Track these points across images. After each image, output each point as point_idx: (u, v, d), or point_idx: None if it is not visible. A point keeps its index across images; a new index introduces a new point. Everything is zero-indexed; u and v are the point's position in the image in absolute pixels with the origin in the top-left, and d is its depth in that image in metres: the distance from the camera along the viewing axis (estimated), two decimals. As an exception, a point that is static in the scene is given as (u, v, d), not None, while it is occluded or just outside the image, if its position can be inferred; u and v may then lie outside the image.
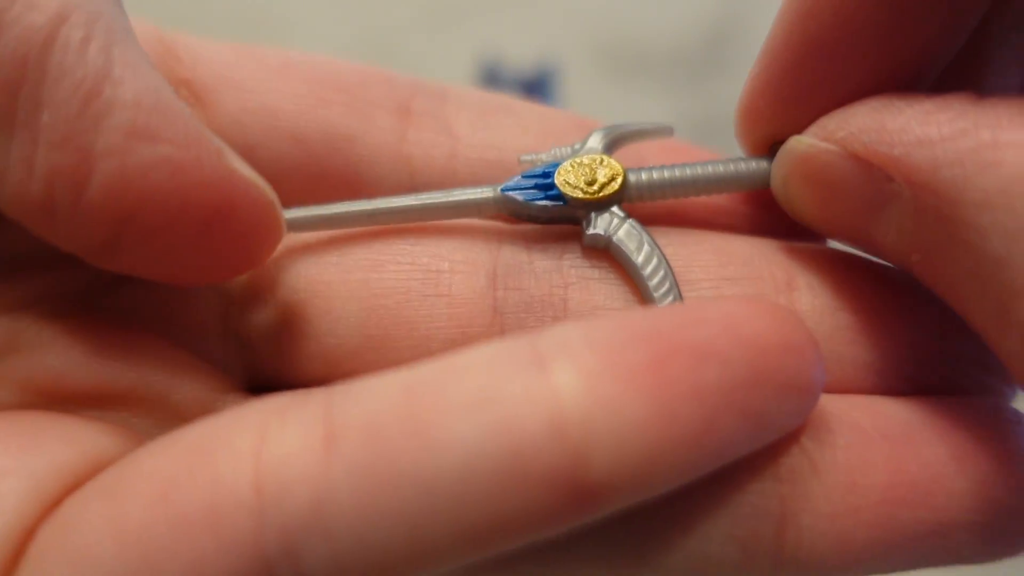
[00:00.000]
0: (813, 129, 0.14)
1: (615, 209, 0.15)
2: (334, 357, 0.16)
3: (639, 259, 0.15)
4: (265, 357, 0.16)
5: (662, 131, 0.17)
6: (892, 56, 0.14)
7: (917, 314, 0.15)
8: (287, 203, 0.17)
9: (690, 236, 0.16)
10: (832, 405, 0.14)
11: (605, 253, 0.16)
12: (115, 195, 0.13)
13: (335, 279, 0.16)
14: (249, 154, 0.16)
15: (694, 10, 0.66)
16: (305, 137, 0.16)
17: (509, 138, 0.17)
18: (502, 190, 0.15)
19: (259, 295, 0.16)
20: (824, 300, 0.15)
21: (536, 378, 0.11)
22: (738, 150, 0.16)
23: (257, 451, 0.12)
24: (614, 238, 0.15)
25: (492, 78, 0.53)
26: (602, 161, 0.16)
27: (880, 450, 0.13)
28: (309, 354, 0.16)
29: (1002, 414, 0.14)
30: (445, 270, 0.16)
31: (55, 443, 0.13)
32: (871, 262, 0.16)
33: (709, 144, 0.17)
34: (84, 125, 0.12)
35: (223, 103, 0.16)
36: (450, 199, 0.16)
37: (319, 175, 0.17)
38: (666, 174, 0.16)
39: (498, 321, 0.15)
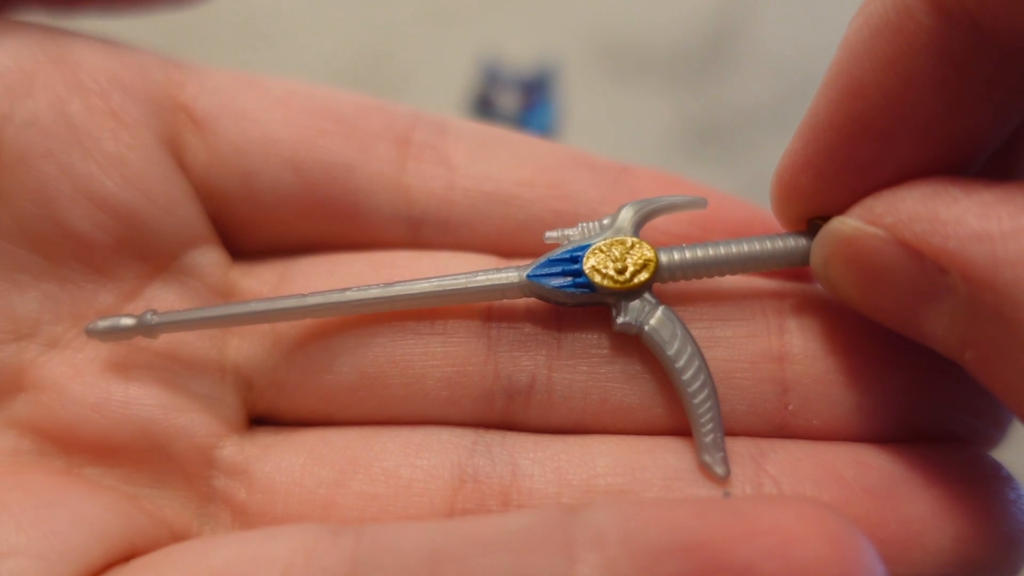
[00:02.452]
0: (858, 211, 0.14)
1: (647, 295, 0.15)
2: (330, 393, 0.16)
3: (672, 351, 0.14)
4: (263, 393, 0.16)
5: (695, 204, 0.16)
6: (942, 138, 0.13)
7: (907, 359, 0.15)
8: (286, 231, 0.17)
9: None
10: (820, 456, 0.14)
11: None
12: None
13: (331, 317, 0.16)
14: (249, 181, 0.17)
15: (694, 10, 0.66)
16: (304, 166, 0.17)
17: (506, 170, 0.17)
18: (529, 276, 0.15)
19: (257, 331, 0.16)
20: (815, 344, 0.15)
21: (560, 572, 0.11)
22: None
23: None
24: (646, 327, 0.15)
25: (492, 78, 0.52)
26: (632, 245, 0.15)
27: (862, 505, 0.14)
28: (306, 390, 0.16)
29: (982, 466, 0.14)
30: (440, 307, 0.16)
31: (66, 523, 0.14)
32: None
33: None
34: None
35: (224, 131, 0.17)
36: (473, 284, 0.15)
37: (318, 203, 0.17)
38: (699, 253, 0.15)
39: (492, 360, 0.16)
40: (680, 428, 0.15)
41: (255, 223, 0.17)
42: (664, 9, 0.65)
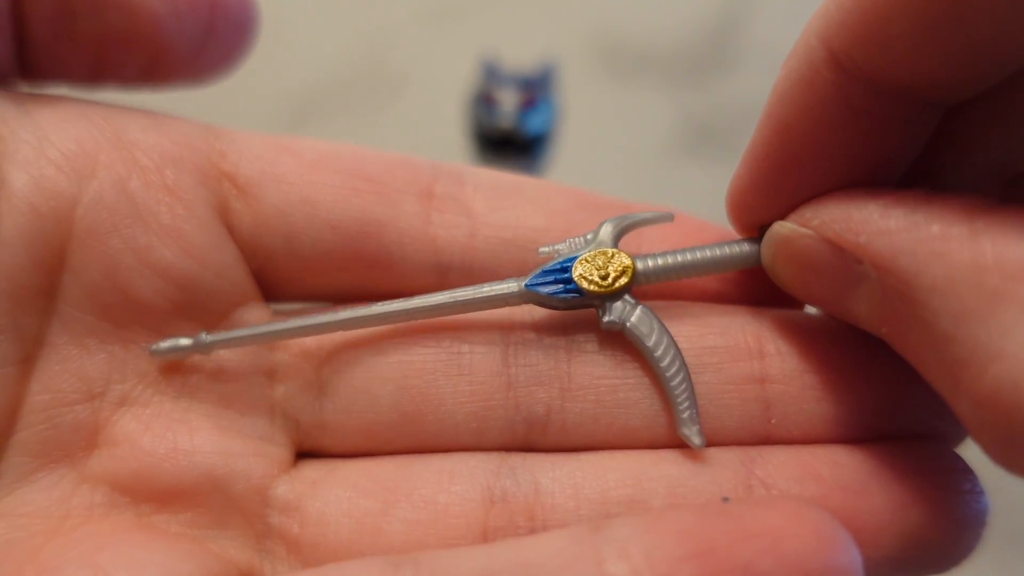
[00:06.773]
0: (793, 216, 0.17)
1: (627, 297, 0.18)
2: (373, 431, 0.18)
3: (651, 342, 0.17)
4: (309, 432, 0.18)
5: (663, 218, 0.19)
6: (854, 165, 0.16)
7: (874, 371, 0.17)
8: (325, 283, 0.19)
9: (675, 309, 0.18)
10: (801, 459, 0.17)
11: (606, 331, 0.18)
12: None
13: (372, 362, 0.18)
14: (291, 241, 0.18)
15: (694, 9, 0.67)
16: (341, 225, 0.18)
17: (522, 216, 0.19)
18: (526, 285, 0.17)
19: (304, 378, 0.18)
20: (792, 364, 0.17)
21: None
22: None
23: None
24: (628, 324, 0.17)
25: (492, 76, 0.53)
26: (612, 256, 0.18)
27: (838, 499, 0.16)
28: (351, 429, 0.18)
29: (942, 460, 0.17)
30: (465, 352, 0.18)
31: None
32: (834, 325, 0.18)
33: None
34: None
35: (267, 196, 0.18)
36: (480, 295, 0.18)
37: (354, 257, 0.19)
38: (669, 260, 0.18)
39: (512, 395, 0.18)
40: (677, 442, 0.17)
41: (296, 277, 0.19)
42: (665, 8, 0.66)
